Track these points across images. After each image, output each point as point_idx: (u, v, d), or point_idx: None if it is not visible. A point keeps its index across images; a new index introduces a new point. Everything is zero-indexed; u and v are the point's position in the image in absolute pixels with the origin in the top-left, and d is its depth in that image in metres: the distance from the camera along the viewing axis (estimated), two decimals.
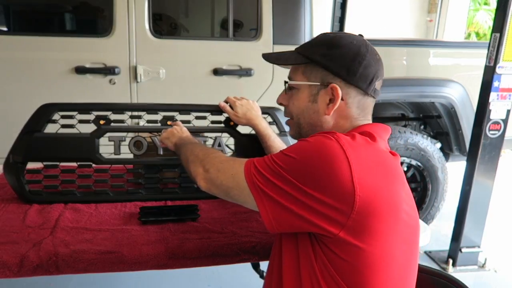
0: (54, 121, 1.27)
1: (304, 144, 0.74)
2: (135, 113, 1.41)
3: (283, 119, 1.41)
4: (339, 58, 0.81)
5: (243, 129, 1.38)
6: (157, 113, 1.33)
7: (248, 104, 1.31)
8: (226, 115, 1.35)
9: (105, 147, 1.30)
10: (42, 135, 1.24)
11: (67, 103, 1.33)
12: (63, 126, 1.27)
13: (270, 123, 1.41)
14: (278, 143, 1.27)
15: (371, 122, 0.86)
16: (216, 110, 1.35)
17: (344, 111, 0.83)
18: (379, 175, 0.71)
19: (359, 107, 0.83)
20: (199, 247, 1.02)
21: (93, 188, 1.28)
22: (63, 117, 1.28)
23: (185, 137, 1.15)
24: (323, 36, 0.87)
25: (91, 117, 1.28)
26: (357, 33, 0.88)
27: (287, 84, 0.91)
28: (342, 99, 0.82)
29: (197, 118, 1.37)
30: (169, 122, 1.29)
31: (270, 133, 1.28)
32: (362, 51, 0.81)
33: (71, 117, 1.28)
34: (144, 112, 1.34)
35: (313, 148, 0.72)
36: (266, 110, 1.39)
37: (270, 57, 0.93)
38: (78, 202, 1.25)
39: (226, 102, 1.34)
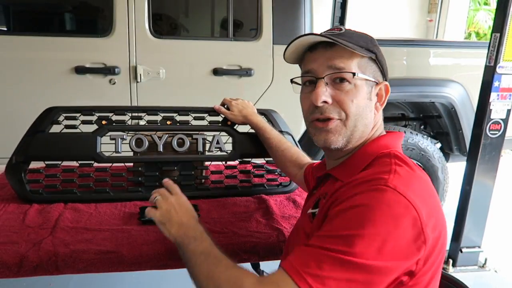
0: (58, 122, 1.28)
1: (364, 211, 0.62)
2: (135, 115, 1.43)
3: (280, 120, 1.44)
4: (382, 56, 0.81)
5: (242, 129, 1.38)
6: (157, 114, 1.34)
7: (243, 103, 1.34)
8: (223, 116, 1.37)
9: (106, 147, 1.30)
10: (44, 135, 1.25)
11: (71, 106, 1.34)
12: (67, 126, 1.29)
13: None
14: (275, 134, 1.27)
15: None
16: (213, 111, 1.38)
17: (381, 112, 0.83)
18: (435, 207, 0.67)
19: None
20: None
21: (93, 187, 1.28)
22: (66, 118, 1.30)
23: (185, 225, 0.85)
24: (362, 32, 0.83)
25: (93, 118, 1.30)
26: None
27: (355, 75, 0.76)
28: None
29: (195, 119, 1.38)
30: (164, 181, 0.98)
31: (266, 125, 1.29)
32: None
33: (74, 118, 1.29)
34: (144, 114, 1.35)
35: (381, 213, 0.61)
36: (262, 111, 1.42)
37: (334, 36, 0.77)
38: (78, 201, 1.25)
39: (222, 104, 1.37)
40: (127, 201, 1.28)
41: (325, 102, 0.77)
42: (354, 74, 0.76)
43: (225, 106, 1.36)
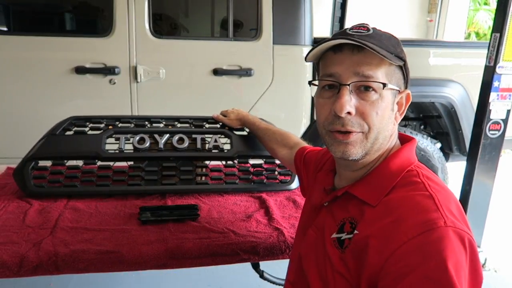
0: (70, 129, 1.40)
1: (443, 254, 0.57)
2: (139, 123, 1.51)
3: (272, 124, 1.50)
4: (407, 62, 0.74)
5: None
6: (159, 122, 1.45)
7: (237, 110, 1.47)
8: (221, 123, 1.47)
9: (111, 148, 1.35)
10: (54, 136, 1.34)
11: (82, 116, 1.47)
12: (76, 132, 1.39)
13: None
14: (263, 124, 1.34)
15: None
16: (211, 119, 1.49)
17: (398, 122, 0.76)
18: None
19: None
20: (199, 247, 1.02)
21: (95, 182, 1.30)
22: (77, 126, 1.42)
23: None
24: (389, 33, 0.74)
25: (101, 125, 1.41)
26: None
27: (385, 86, 0.69)
28: None
29: (195, 127, 1.46)
30: None
31: (256, 119, 1.38)
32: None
33: (84, 126, 1.41)
34: (147, 122, 1.46)
35: (454, 253, 0.57)
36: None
37: (362, 37, 0.69)
38: (80, 195, 1.27)
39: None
40: (128, 195, 1.30)
41: (348, 113, 0.69)
42: (384, 85, 0.68)
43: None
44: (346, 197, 0.75)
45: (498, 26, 1.99)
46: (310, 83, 0.78)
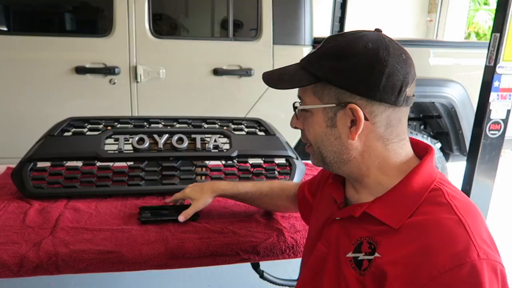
0: (68, 130, 1.40)
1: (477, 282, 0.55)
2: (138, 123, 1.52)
3: (269, 125, 1.54)
4: (352, 71, 0.64)
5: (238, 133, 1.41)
6: (158, 123, 1.46)
7: (195, 185, 1.17)
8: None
9: (110, 149, 1.36)
10: (53, 137, 1.35)
11: (81, 117, 1.48)
12: (75, 133, 1.40)
13: (260, 129, 1.53)
14: (249, 186, 1.14)
15: (407, 140, 0.71)
16: (210, 119, 1.49)
17: (372, 131, 0.67)
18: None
19: (390, 124, 0.67)
20: (199, 247, 1.02)
21: (94, 182, 1.30)
22: (75, 127, 1.43)
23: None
24: (331, 43, 0.69)
25: (100, 126, 1.43)
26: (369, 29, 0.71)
27: (296, 108, 0.74)
28: (366, 119, 0.66)
29: (194, 127, 1.47)
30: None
31: (233, 184, 1.15)
32: (381, 56, 0.64)
33: (83, 127, 1.42)
34: (146, 122, 1.47)
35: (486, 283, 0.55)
36: (254, 119, 1.54)
37: (271, 80, 0.75)
38: (79, 196, 1.27)
39: (175, 202, 1.21)
40: (128, 195, 1.30)
41: (296, 127, 0.76)
42: (294, 105, 0.73)
43: (179, 202, 1.23)
44: (363, 215, 0.70)
45: (498, 26, 1.99)
46: (294, 106, 0.80)
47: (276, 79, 0.74)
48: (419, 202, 0.64)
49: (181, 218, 1.10)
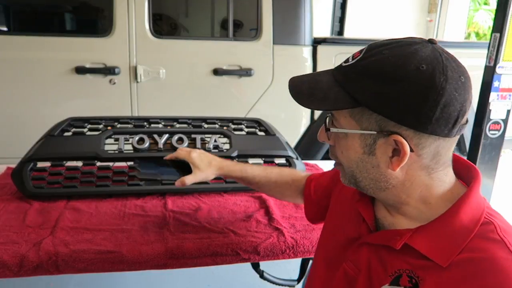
0: (68, 130, 1.40)
1: None
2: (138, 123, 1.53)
3: (270, 126, 1.53)
4: (401, 100, 0.54)
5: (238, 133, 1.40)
6: (158, 123, 1.46)
7: (202, 153, 1.06)
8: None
9: (110, 149, 1.36)
10: (53, 137, 1.35)
11: (81, 117, 1.48)
12: (75, 133, 1.40)
13: (260, 129, 1.52)
14: (257, 170, 1.04)
15: (451, 164, 0.62)
16: (210, 119, 1.47)
17: (417, 162, 0.59)
18: None
19: (438, 154, 0.58)
20: (199, 247, 1.02)
21: (94, 182, 1.30)
22: (75, 126, 1.43)
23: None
24: (375, 56, 0.57)
25: (100, 126, 1.43)
26: (405, 36, 0.61)
27: (328, 123, 0.65)
28: (411, 150, 0.57)
29: (194, 127, 1.47)
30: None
31: (242, 166, 1.06)
32: (437, 83, 0.53)
33: (82, 127, 1.42)
34: (146, 122, 1.47)
35: None
36: (254, 119, 1.53)
37: (301, 96, 0.63)
38: (79, 195, 1.27)
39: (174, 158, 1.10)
40: (128, 195, 1.30)
41: (324, 141, 0.67)
42: (328, 129, 0.64)
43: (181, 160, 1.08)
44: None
45: (498, 26, 1.99)
46: (326, 120, 0.69)
47: (307, 95, 0.63)
48: (469, 237, 0.56)
49: (178, 184, 1.01)
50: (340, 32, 3.83)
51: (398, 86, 0.54)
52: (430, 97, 0.53)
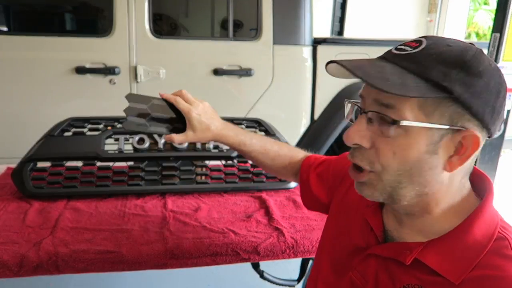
0: (68, 130, 1.40)
1: None
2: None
3: (270, 126, 1.52)
4: (485, 92, 0.52)
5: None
6: None
7: (206, 118, 0.98)
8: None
9: (111, 149, 1.36)
10: (53, 137, 1.35)
11: (81, 117, 1.49)
12: (75, 133, 1.40)
13: (260, 129, 1.51)
14: (256, 144, 0.96)
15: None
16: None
17: (465, 166, 0.55)
18: None
19: (475, 156, 0.55)
20: (199, 247, 1.02)
21: (94, 182, 1.30)
22: (75, 127, 1.43)
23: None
24: (441, 48, 0.53)
25: (100, 126, 1.43)
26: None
27: (375, 115, 0.55)
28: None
29: None
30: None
31: (242, 136, 0.97)
32: (502, 79, 0.53)
33: (83, 127, 1.43)
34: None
35: None
36: (254, 119, 1.54)
37: (372, 77, 0.52)
38: (79, 195, 1.27)
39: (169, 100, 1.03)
40: (128, 195, 1.30)
41: (358, 144, 0.57)
42: (394, 121, 0.52)
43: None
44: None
45: (498, 26, 1.99)
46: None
47: (380, 78, 0.52)
48: (483, 252, 0.53)
49: (166, 139, 0.91)
50: (340, 32, 3.83)
51: (481, 79, 0.51)
52: (501, 92, 0.53)
